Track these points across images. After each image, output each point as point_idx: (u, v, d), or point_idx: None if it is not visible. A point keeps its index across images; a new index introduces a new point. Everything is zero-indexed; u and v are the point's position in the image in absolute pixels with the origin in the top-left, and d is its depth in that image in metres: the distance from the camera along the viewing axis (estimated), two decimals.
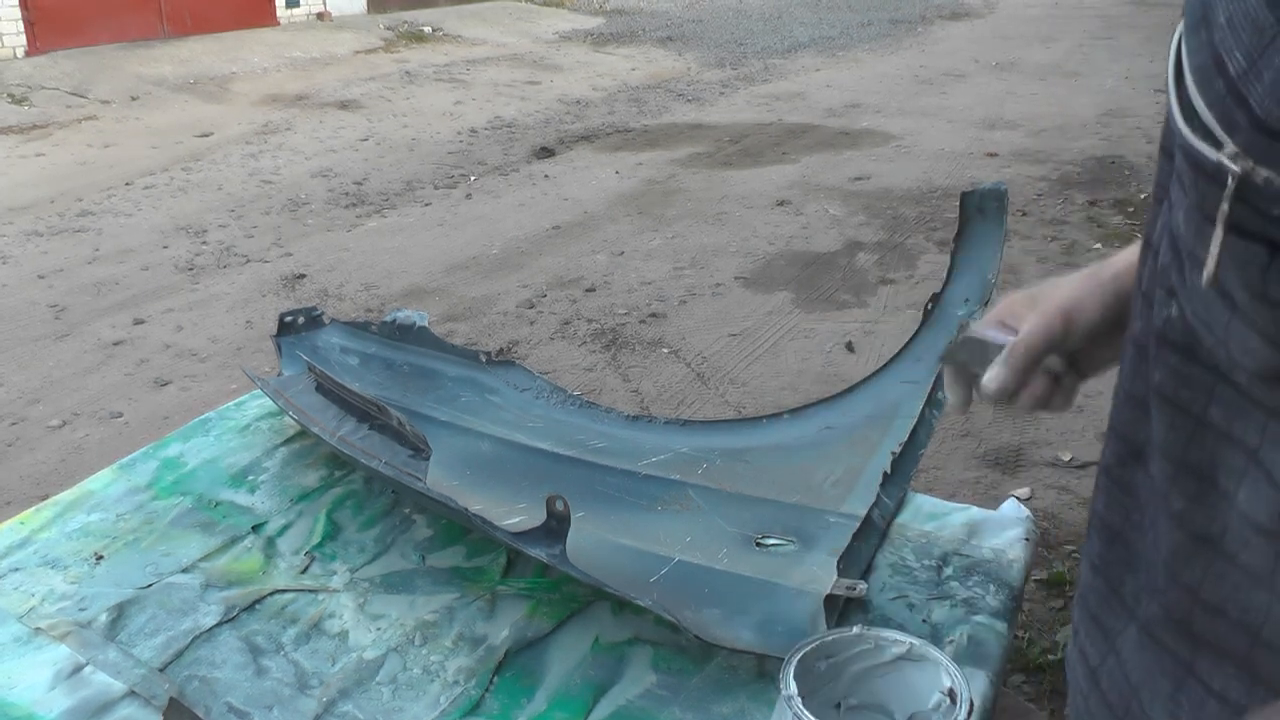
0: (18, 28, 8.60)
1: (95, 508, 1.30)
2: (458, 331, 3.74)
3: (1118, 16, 12.40)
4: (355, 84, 8.73)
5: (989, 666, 1.01)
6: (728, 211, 5.16)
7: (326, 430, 1.36)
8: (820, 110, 7.59)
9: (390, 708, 0.97)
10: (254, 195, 5.59)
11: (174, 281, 4.34)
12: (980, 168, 5.85)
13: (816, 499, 1.24)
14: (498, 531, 1.07)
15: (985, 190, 1.20)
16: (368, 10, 11.69)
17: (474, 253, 4.62)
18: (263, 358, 3.46)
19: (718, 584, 1.11)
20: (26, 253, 4.72)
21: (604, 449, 1.38)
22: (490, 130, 7.12)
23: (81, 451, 2.99)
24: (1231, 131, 0.44)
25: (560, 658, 1.03)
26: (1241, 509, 0.50)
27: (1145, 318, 0.57)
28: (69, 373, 3.50)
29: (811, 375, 3.35)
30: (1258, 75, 0.42)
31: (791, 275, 4.27)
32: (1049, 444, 2.88)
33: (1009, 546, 1.21)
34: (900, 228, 4.83)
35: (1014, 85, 8.35)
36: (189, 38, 9.72)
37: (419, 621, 1.09)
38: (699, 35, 11.56)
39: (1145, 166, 5.71)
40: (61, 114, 7.56)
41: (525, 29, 11.87)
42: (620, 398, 3.21)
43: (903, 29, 11.97)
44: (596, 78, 9.16)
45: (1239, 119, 0.43)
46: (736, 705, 0.96)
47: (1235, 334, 0.47)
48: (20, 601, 1.12)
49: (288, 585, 1.14)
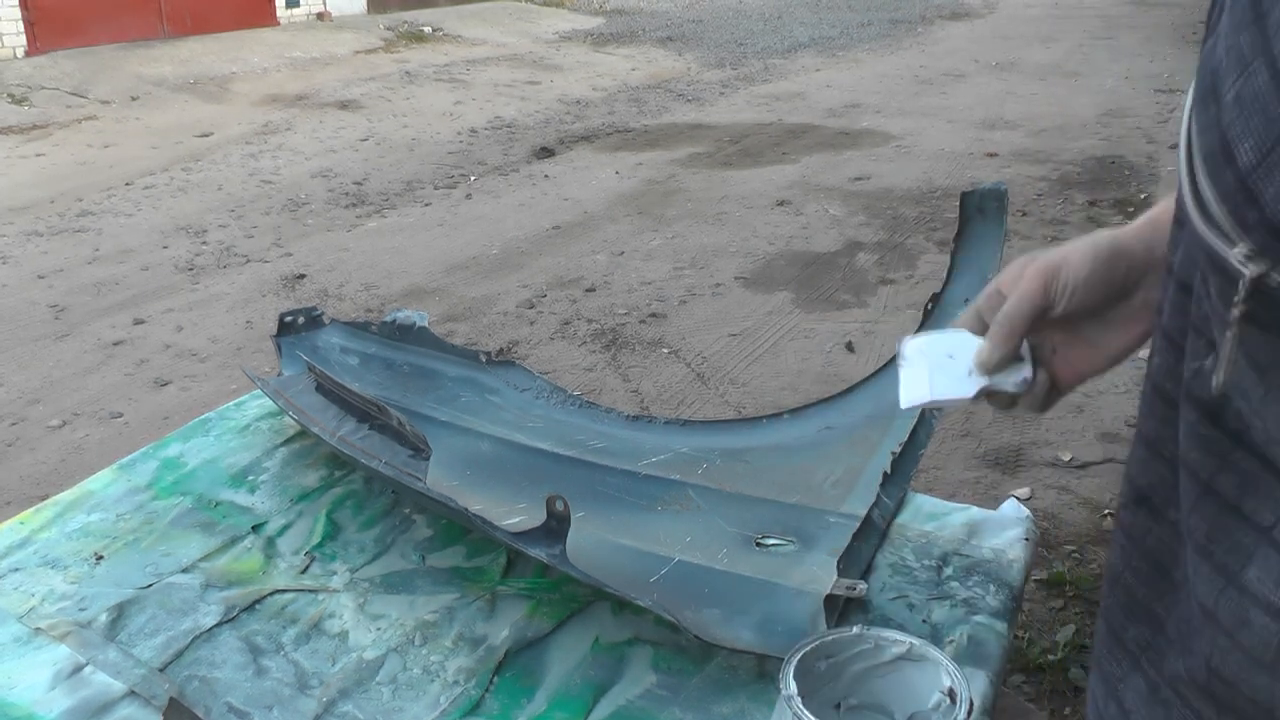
0: (18, 28, 8.60)
1: (95, 508, 1.30)
2: (458, 331, 3.74)
3: (1118, 16, 12.40)
4: (355, 84, 8.73)
5: (989, 666, 1.01)
6: (728, 211, 5.16)
7: (326, 430, 1.36)
8: (820, 110, 7.59)
9: (390, 708, 0.97)
10: (254, 195, 5.59)
11: (174, 281, 4.34)
12: (980, 168, 5.85)
13: (816, 499, 1.24)
14: (498, 531, 1.07)
15: (985, 190, 1.20)
16: (368, 10, 11.69)
17: (474, 253, 4.62)
18: (263, 358, 3.46)
19: (718, 584, 1.11)
20: (26, 253, 4.72)
21: (604, 449, 1.38)
22: (490, 130, 7.12)
23: (81, 451, 2.99)
24: (1245, 230, 0.40)
25: (560, 658, 1.03)
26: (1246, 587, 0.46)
27: (1167, 357, 0.52)
28: (69, 373, 3.50)
29: (811, 375, 3.35)
30: (1269, 173, 0.39)
31: (791, 275, 4.27)
32: (1049, 444, 2.88)
33: (1009, 546, 1.21)
34: (900, 228, 4.83)
35: (1014, 85, 8.35)
36: (189, 38, 9.72)
37: (419, 621, 1.09)
38: (699, 35, 11.56)
39: (1145, 166, 5.71)
40: (61, 114, 7.56)
41: (525, 29, 11.87)
42: (620, 398, 3.21)
43: (903, 29, 11.97)
44: (596, 78, 9.16)
45: (1251, 218, 0.40)
46: (736, 705, 0.96)
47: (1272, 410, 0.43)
48: (20, 601, 1.12)
49: (288, 585, 1.14)
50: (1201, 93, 0.44)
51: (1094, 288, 0.68)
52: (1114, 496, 2.58)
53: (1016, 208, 4.91)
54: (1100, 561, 2.35)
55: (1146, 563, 0.57)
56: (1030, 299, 0.69)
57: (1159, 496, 0.55)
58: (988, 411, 3.05)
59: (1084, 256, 0.68)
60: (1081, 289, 0.68)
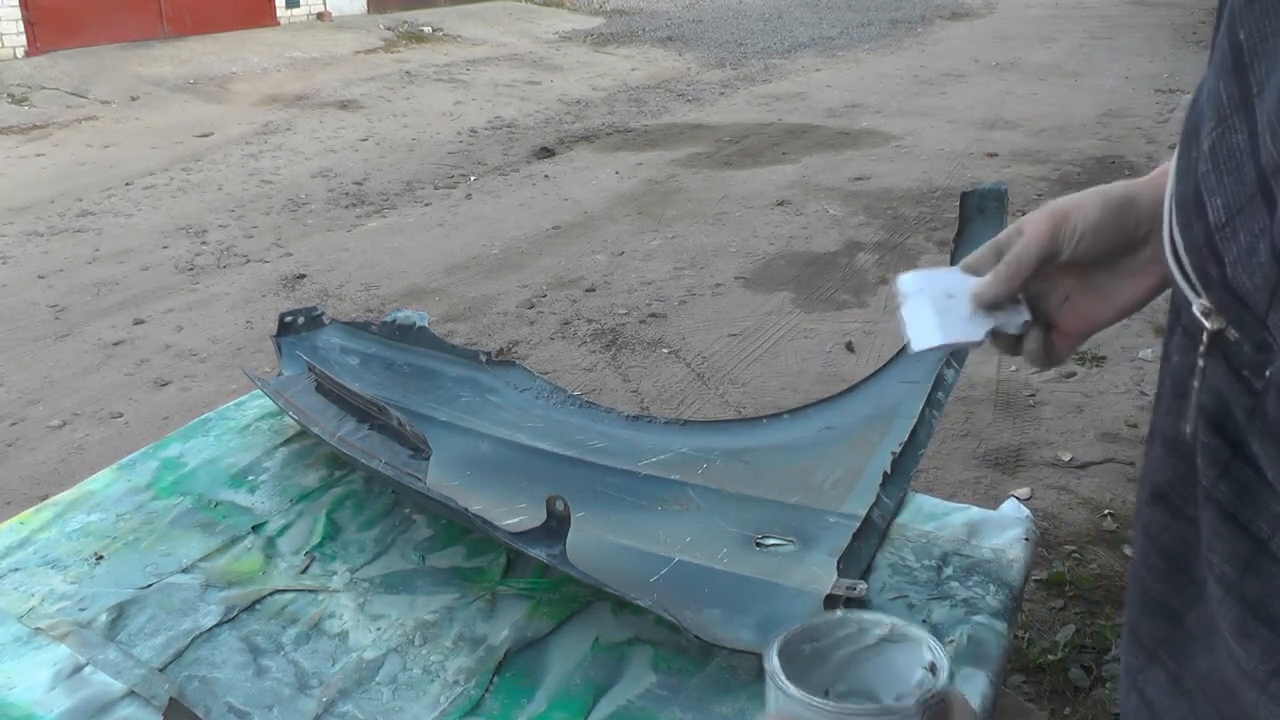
0: (18, 28, 8.60)
1: (95, 508, 1.30)
2: (458, 331, 3.74)
3: (1118, 16, 12.40)
4: (355, 84, 8.73)
5: (989, 666, 1.01)
6: (728, 212, 5.16)
7: (326, 430, 1.36)
8: (820, 110, 7.59)
9: (390, 708, 0.97)
10: (254, 195, 5.59)
11: (174, 281, 4.34)
12: (980, 168, 5.85)
13: (816, 499, 1.24)
14: (498, 531, 1.07)
15: (985, 190, 1.20)
16: (368, 10, 11.69)
17: (474, 253, 4.62)
18: (263, 358, 3.46)
19: (718, 584, 1.11)
20: (26, 253, 4.72)
21: (604, 449, 1.38)
22: (490, 130, 7.12)
23: (81, 451, 2.99)
24: (1207, 286, 0.41)
25: (560, 658, 1.03)
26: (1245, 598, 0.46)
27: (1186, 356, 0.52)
28: (69, 373, 3.50)
29: (811, 375, 3.35)
30: (1234, 233, 0.39)
31: (791, 275, 4.26)
32: (1049, 444, 2.88)
33: (1009, 546, 1.21)
34: (900, 228, 4.83)
35: (1014, 85, 8.35)
36: (189, 38, 9.73)
37: (419, 621, 1.09)
38: (699, 35, 11.57)
39: (1145, 166, 5.71)
40: (61, 114, 7.56)
41: (525, 29, 11.87)
42: (620, 398, 3.21)
43: (903, 29, 11.97)
44: (596, 78, 9.16)
45: (1214, 274, 0.41)
46: (736, 705, 0.96)
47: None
48: (20, 601, 1.12)
49: (288, 585, 1.14)
50: (1186, 134, 0.44)
51: (1103, 235, 0.68)
52: (1114, 496, 2.58)
53: (1016, 208, 4.87)
54: (1100, 561, 2.35)
55: (1163, 559, 0.57)
56: (1039, 241, 0.69)
57: (1177, 494, 0.55)
58: (988, 411, 3.05)
59: (1094, 203, 0.68)
60: (1090, 235, 0.68)
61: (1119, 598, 2.22)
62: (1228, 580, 0.47)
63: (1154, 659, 0.59)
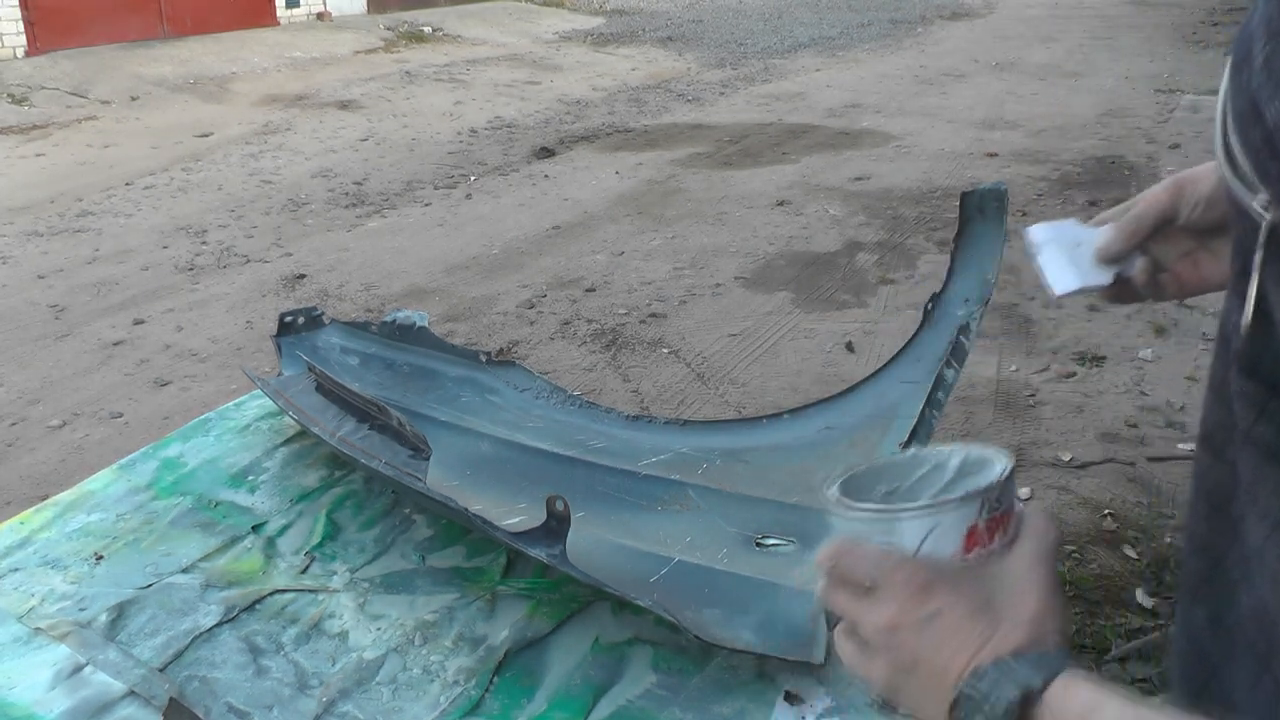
0: (18, 28, 8.60)
1: (95, 508, 1.30)
2: (458, 331, 3.74)
3: (1118, 16, 12.41)
4: (355, 84, 8.73)
5: None
6: (728, 212, 5.16)
7: (326, 430, 1.35)
8: (820, 110, 7.59)
9: (390, 708, 0.97)
10: (254, 195, 5.59)
11: (174, 281, 4.34)
12: (980, 168, 5.85)
13: (816, 499, 1.23)
14: (498, 531, 1.07)
15: (985, 190, 1.20)
16: (368, 10, 11.69)
17: (474, 253, 4.62)
18: (263, 358, 3.46)
19: (718, 584, 1.11)
20: (26, 253, 4.72)
21: (604, 449, 1.38)
22: (490, 130, 7.12)
23: (81, 451, 2.99)
24: (1265, 181, 0.45)
25: (560, 658, 1.03)
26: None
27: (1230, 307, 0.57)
28: (69, 373, 3.50)
29: (811, 375, 3.35)
30: None
31: (791, 275, 4.27)
32: (1049, 444, 2.88)
33: None
34: (900, 228, 4.83)
35: (1014, 85, 8.35)
36: (189, 38, 9.73)
37: (419, 621, 1.08)
38: (699, 35, 11.57)
39: (1145, 166, 5.71)
40: (61, 114, 7.56)
41: (525, 29, 11.87)
42: (620, 398, 3.21)
43: (903, 29, 11.97)
44: (596, 78, 9.16)
45: (1273, 170, 0.45)
46: (736, 705, 0.96)
47: None
48: (20, 601, 1.12)
49: (288, 585, 1.14)
50: (1237, 59, 0.48)
51: (1216, 204, 0.73)
52: (1114, 496, 2.58)
53: (1016, 208, 4.91)
54: (1100, 561, 2.35)
55: (1205, 501, 0.61)
56: (1159, 204, 0.76)
57: (1218, 437, 0.59)
58: (988, 411, 3.05)
59: (1212, 174, 0.74)
60: (1204, 204, 0.74)
61: (1119, 598, 2.22)
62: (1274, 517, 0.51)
63: (1195, 599, 0.62)
